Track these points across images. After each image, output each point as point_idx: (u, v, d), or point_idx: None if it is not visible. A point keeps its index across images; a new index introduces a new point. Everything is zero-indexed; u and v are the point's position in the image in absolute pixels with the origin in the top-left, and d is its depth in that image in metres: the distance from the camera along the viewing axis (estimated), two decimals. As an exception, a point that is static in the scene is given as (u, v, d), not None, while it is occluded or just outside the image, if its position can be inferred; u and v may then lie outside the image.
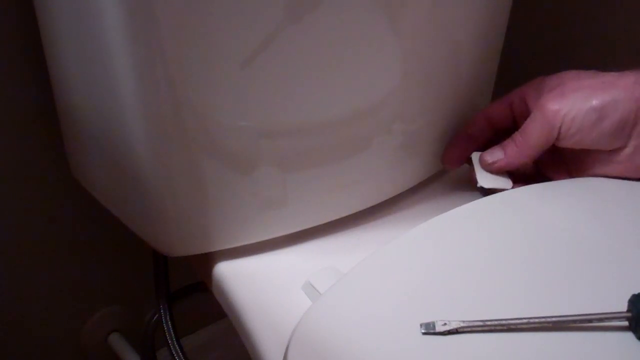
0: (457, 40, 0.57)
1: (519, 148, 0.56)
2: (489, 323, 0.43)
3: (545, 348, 0.43)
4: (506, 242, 0.51)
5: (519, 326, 0.43)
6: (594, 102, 0.52)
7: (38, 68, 0.61)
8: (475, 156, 0.59)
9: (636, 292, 0.44)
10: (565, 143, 0.54)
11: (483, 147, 0.60)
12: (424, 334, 0.43)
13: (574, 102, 0.53)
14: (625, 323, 0.43)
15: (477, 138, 0.60)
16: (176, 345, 0.64)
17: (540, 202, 0.55)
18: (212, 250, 0.56)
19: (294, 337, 0.46)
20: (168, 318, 0.64)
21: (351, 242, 0.59)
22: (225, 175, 0.52)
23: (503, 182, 0.57)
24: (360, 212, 0.60)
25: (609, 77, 0.53)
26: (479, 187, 0.58)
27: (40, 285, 0.75)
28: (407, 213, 0.62)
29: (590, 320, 0.43)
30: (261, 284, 0.55)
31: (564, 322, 0.43)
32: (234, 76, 0.48)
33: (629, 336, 0.43)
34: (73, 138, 0.59)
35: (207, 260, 0.57)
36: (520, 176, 0.59)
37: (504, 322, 0.43)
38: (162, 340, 0.65)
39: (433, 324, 0.43)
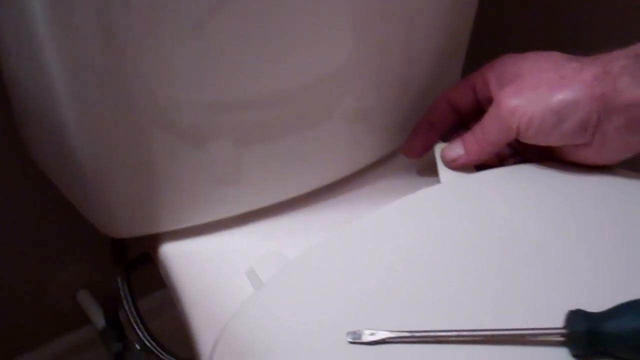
0: (416, 9, 0.53)
1: (479, 145, 0.53)
2: (417, 334, 0.41)
3: (475, 361, 0.41)
4: (451, 240, 0.48)
5: (448, 338, 0.41)
6: (553, 104, 0.49)
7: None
8: (438, 149, 0.56)
9: (575, 304, 0.42)
10: (527, 140, 0.51)
11: (448, 133, 0.57)
12: (351, 342, 0.42)
13: (530, 102, 0.49)
14: (561, 338, 0.41)
15: (440, 125, 0.57)
16: (133, 311, 0.63)
17: (489, 194, 0.52)
18: (159, 231, 0.55)
19: (223, 335, 0.45)
20: (125, 287, 0.64)
21: (304, 223, 0.57)
22: (174, 149, 0.50)
23: None
24: (315, 190, 0.58)
25: (569, 69, 0.49)
26: None
27: (8, 242, 0.75)
28: (364, 192, 0.59)
29: (523, 336, 0.41)
30: (206, 268, 0.53)
31: (495, 336, 0.41)
32: (183, 43, 0.45)
33: (565, 351, 0.41)
34: (20, 115, 0.57)
35: (154, 240, 0.55)
36: (495, 158, 0.56)
37: (432, 334, 0.41)
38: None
39: (360, 334, 0.42)
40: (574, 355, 0.41)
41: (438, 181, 0.55)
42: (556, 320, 0.41)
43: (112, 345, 0.71)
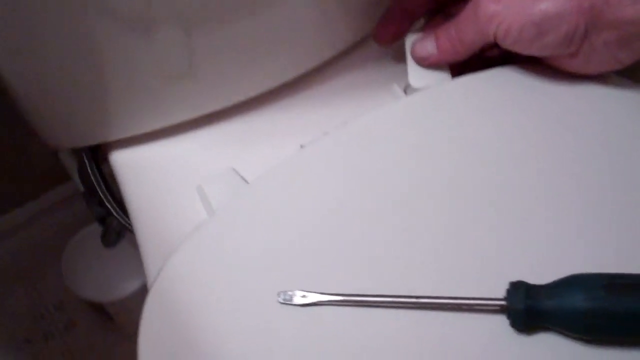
0: None
1: (452, 45, 0.48)
2: (349, 299, 0.40)
3: (409, 327, 0.39)
4: (408, 177, 0.45)
5: (381, 305, 0.40)
6: (534, 14, 0.43)
7: None
8: (409, 42, 0.50)
9: (527, 267, 0.40)
10: (506, 48, 0.46)
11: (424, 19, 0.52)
12: (282, 303, 0.40)
13: (510, 9, 0.44)
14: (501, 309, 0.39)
15: (414, 10, 0.51)
16: (103, 188, 0.62)
17: (457, 114, 0.47)
18: (106, 140, 0.51)
19: (161, 274, 0.44)
20: (94, 166, 0.62)
21: (263, 128, 0.53)
22: (118, 39, 0.45)
23: (439, 78, 0.49)
24: (278, 87, 0.53)
25: None
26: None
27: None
28: (331, 88, 0.54)
29: (460, 306, 0.39)
30: (157, 181, 0.51)
31: (430, 304, 0.39)
32: None
33: (504, 319, 0.39)
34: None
35: (104, 146, 0.53)
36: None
37: (364, 299, 0.40)
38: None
39: (291, 295, 0.40)
40: (513, 326, 0.39)
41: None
42: (504, 280, 0.39)
43: (94, 209, 0.71)
